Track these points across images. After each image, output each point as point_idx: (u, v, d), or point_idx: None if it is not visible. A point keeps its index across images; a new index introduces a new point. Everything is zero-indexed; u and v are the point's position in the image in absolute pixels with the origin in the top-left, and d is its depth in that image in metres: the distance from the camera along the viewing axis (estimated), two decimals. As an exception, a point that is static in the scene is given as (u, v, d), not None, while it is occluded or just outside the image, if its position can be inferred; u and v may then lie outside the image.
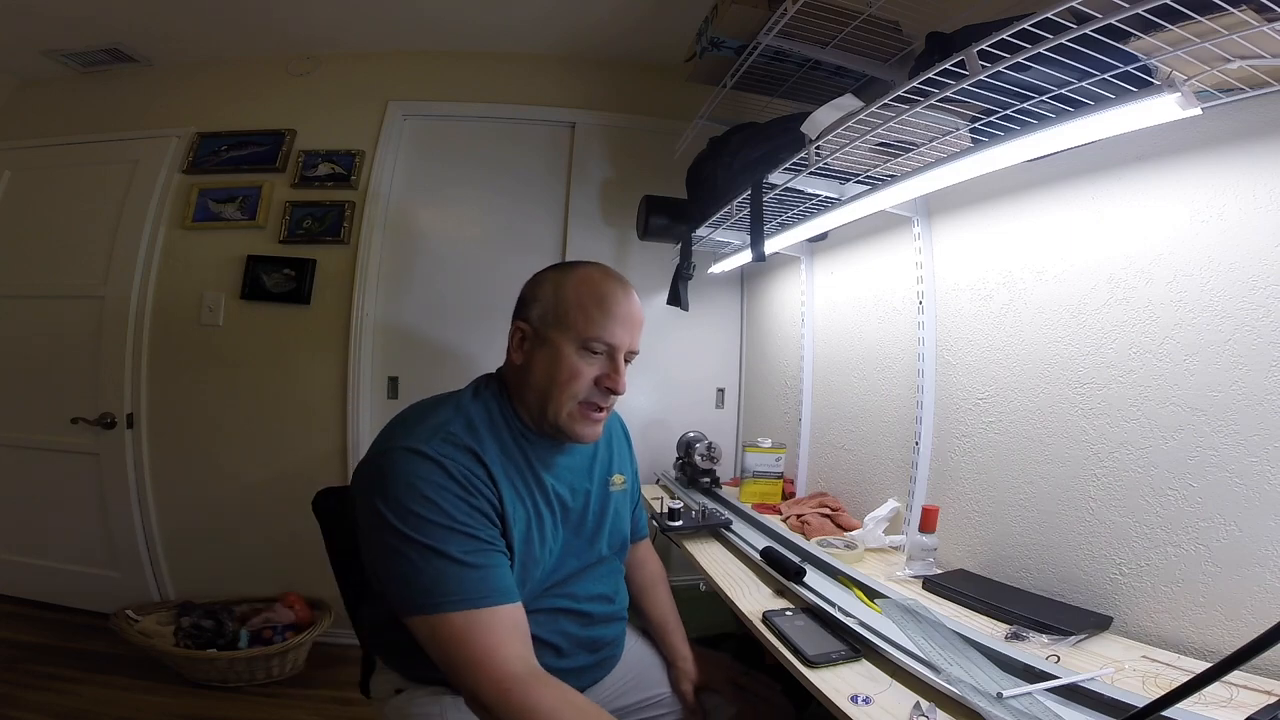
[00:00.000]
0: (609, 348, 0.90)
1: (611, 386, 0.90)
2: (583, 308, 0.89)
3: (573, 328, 0.89)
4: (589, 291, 0.91)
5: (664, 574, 1.23)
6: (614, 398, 0.92)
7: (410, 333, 2.31)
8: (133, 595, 2.18)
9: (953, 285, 1.40)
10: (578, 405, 0.90)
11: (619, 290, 0.92)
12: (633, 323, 0.92)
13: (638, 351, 0.95)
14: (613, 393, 0.91)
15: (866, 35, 1.35)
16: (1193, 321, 0.94)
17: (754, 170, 1.41)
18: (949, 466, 1.39)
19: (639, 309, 0.94)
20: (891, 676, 0.85)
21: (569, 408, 0.90)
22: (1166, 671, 0.83)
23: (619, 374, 0.90)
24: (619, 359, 0.91)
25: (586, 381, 0.89)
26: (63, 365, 2.31)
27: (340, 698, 1.90)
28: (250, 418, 2.27)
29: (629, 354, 0.93)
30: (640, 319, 0.94)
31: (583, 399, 0.90)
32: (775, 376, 2.25)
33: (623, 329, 0.90)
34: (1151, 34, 0.70)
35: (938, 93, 0.88)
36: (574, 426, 0.91)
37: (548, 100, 2.39)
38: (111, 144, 2.39)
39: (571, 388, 0.89)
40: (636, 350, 0.94)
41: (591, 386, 0.90)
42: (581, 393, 0.90)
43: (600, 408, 0.92)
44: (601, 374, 0.90)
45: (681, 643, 1.12)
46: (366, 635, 1.04)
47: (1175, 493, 0.95)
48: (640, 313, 0.94)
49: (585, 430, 0.92)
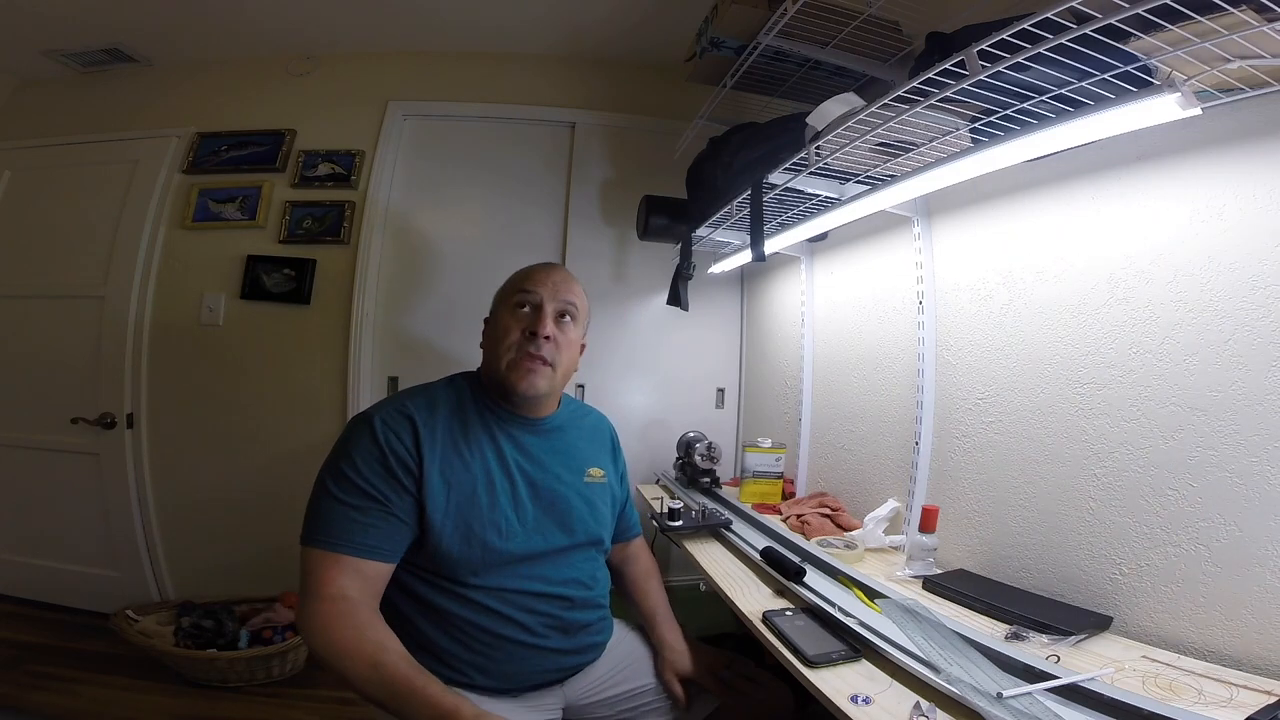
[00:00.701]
0: (531, 297, 1.04)
1: (534, 329, 1.02)
2: (511, 281, 1.10)
3: (505, 299, 1.08)
4: (518, 271, 1.11)
5: (656, 568, 1.28)
6: (549, 347, 1.02)
7: (410, 333, 2.32)
8: (133, 595, 2.18)
9: (953, 285, 1.40)
10: (514, 357, 1.02)
11: (540, 264, 1.11)
12: (553, 281, 1.06)
13: (573, 304, 1.07)
14: (535, 335, 1.01)
15: (866, 35, 1.35)
16: (1193, 321, 0.94)
17: (754, 170, 1.41)
18: (949, 466, 1.39)
19: (563, 274, 1.09)
20: (891, 676, 0.85)
21: (507, 359, 1.02)
22: (1166, 671, 0.83)
23: (541, 319, 1.02)
24: (543, 310, 1.03)
25: (516, 333, 1.03)
26: (63, 365, 2.31)
27: (340, 698, 1.90)
28: (250, 418, 2.27)
29: (564, 305, 1.06)
30: (565, 280, 1.08)
31: (516, 350, 1.02)
32: (775, 376, 2.25)
33: (541, 286, 1.05)
34: (1151, 34, 0.70)
35: (938, 93, 0.88)
36: (512, 376, 1.01)
37: (548, 100, 2.39)
38: (111, 144, 2.38)
39: (506, 340, 1.03)
40: (570, 301, 1.07)
41: (522, 337, 1.02)
42: (515, 344, 1.02)
43: (534, 355, 1.01)
44: (528, 324, 1.03)
45: (670, 633, 1.15)
46: None
47: (1175, 493, 0.95)
48: (565, 276, 1.09)
49: (522, 380, 1.01)
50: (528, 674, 1.00)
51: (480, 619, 0.95)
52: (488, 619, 0.96)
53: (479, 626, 0.95)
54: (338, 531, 0.88)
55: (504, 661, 0.97)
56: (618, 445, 1.25)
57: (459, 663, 0.95)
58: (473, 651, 0.95)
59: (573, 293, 1.08)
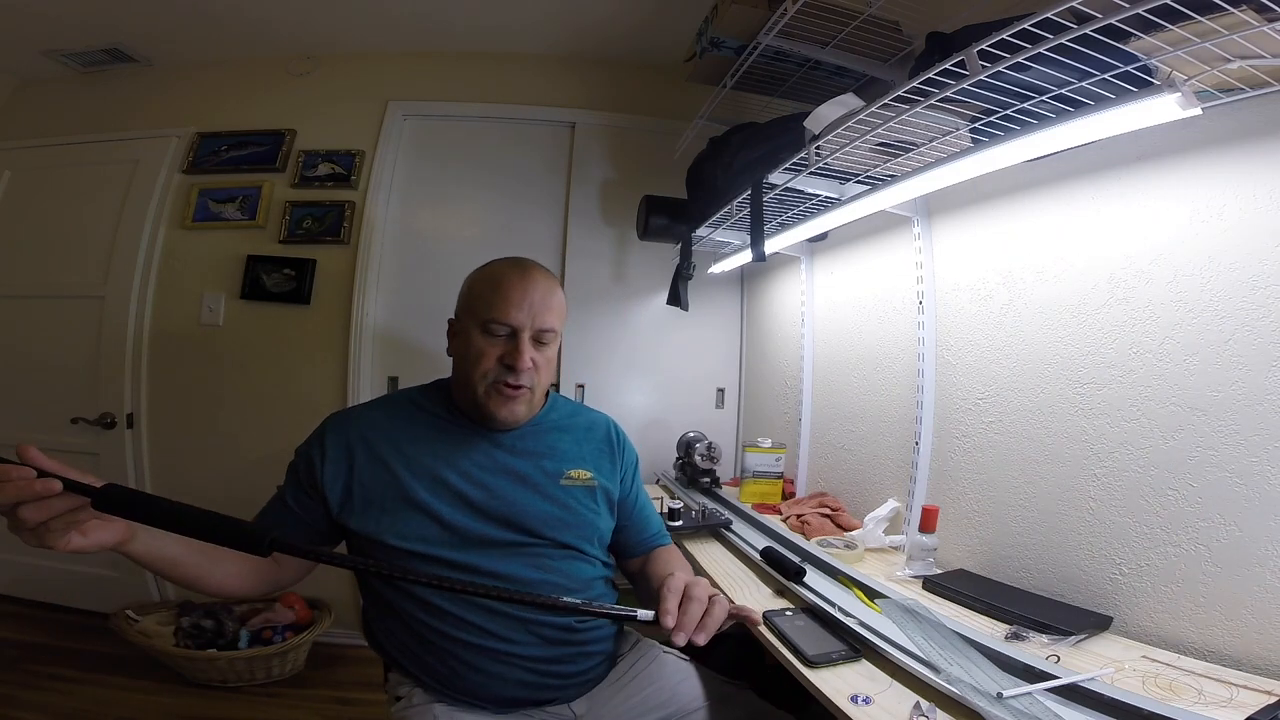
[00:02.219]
0: (507, 327, 0.95)
1: (511, 364, 0.94)
2: (481, 294, 0.97)
3: (475, 313, 0.97)
4: (487, 279, 0.99)
5: (685, 564, 1.11)
6: (527, 375, 0.95)
7: (410, 333, 2.31)
8: (133, 595, 2.18)
9: (953, 285, 1.40)
10: (490, 385, 0.95)
11: (515, 274, 0.97)
12: (530, 303, 0.95)
13: (552, 329, 0.97)
14: (513, 369, 0.94)
15: (866, 35, 1.35)
16: (1193, 321, 0.94)
17: (754, 170, 1.41)
18: (949, 466, 1.39)
19: (541, 291, 0.97)
20: (891, 676, 0.85)
21: (483, 387, 0.95)
22: (1166, 671, 0.83)
23: (519, 352, 0.94)
24: (520, 338, 0.94)
25: (492, 361, 0.95)
26: (63, 365, 2.31)
27: (340, 698, 1.90)
28: (250, 418, 2.27)
29: (540, 332, 0.96)
30: (544, 300, 0.96)
31: (493, 379, 0.95)
32: (775, 376, 2.25)
33: (517, 310, 0.94)
34: (1151, 34, 0.70)
35: (938, 93, 0.88)
36: (490, 405, 0.96)
37: (548, 100, 2.39)
38: (111, 144, 2.39)
39: (480, 367, 0.95)
40: (548, 328, 0.97)
41: (499, 366, 0.95)
42: (491, 373, 0.95)
43: (513, 385, 0.95)
44: (504, 353, 0.94)
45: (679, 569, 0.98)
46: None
47: (1175, 493, 0.95)
48: (544, 294, 0.97)
49: (501, 408, 0.96)
50: (501, 685, 0.92)
51: (430, 619, 0.91)
52: (438, 619, 0.91)
53: (433, 628, 0.91)
54: (265, 512, 0.99)
55: (467, 671, 0.91)
56: (618, 445, 1.14)
57: (435, 673, 0.92)
58: (435, 658, 0.92)
59: (551, 312, 0.97)
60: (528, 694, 0.94)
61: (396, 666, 0.98)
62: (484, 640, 0.91)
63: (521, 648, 0.92)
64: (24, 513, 0.58)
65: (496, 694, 0.92)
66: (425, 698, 0.94)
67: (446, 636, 0.91)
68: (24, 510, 0.58)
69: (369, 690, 1.92)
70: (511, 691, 0.93)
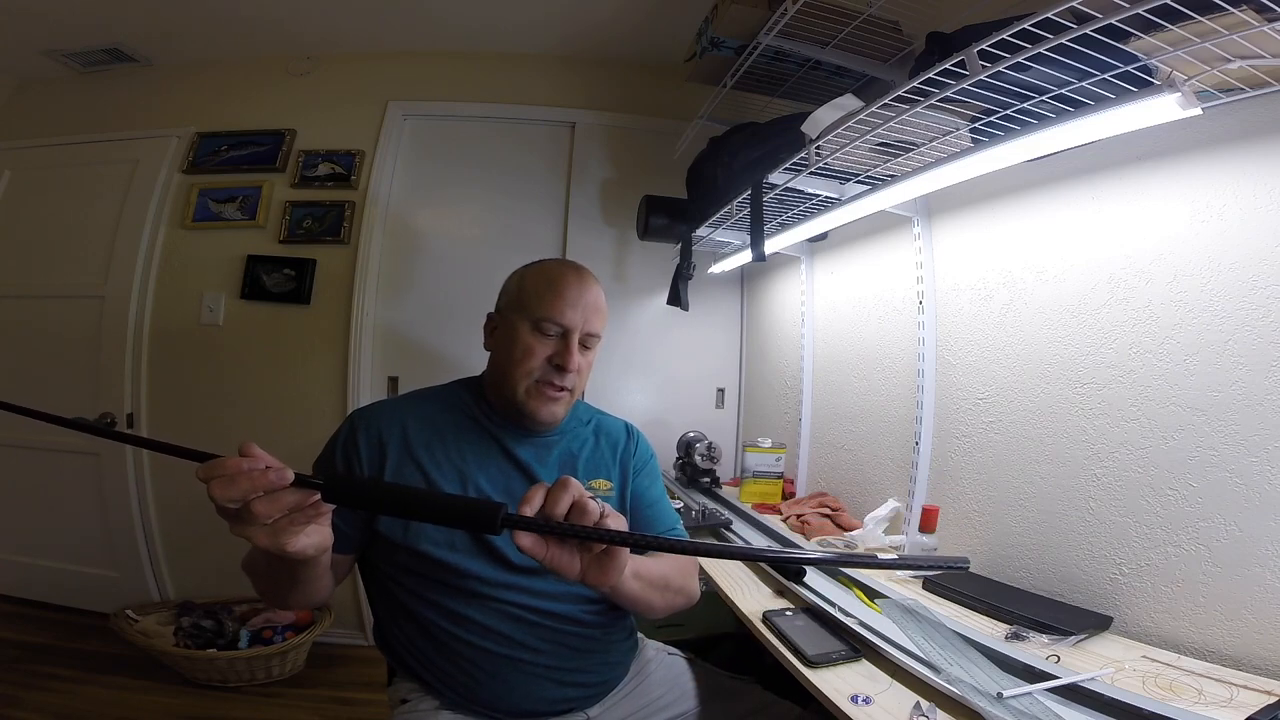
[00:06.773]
0: (560, 328, 0.93)
1: (561, 364, 0.92)
2: (536, 291, 0.95)
3: (526, 309, 0.94)
4: (543, 277, 0.96)
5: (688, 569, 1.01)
6: (572, 377, 0.94)
7: (410, 333, 2.31)
8: (133, 595, 2.18)
9: (953, 285, 1.40)
10: (534, 383, 0.93)
11: (572, 275, 0.96)
12: (584, 305, 0.94)
13: (597, 335, 0.97)
14: (563, 370, 0.93)
15: (866, 35, 1.35)
16: (1193, 321, 0.95)
17: (754, 170, 1.41)
18: (949, 466, 1.39)
19: (594, 295, 0.96)
20: (891, 676, 0.85)
21: (525, 384, 0.93)
22: (1166, 671, 0.83)
23: (569, 352, 0.92)
24: (571, 339, 0.93)
25: (539, 360, 0.93)
26: (63, 365, 2.31)
27: (340, 698, 1.90)
28: (250, 418, 2.26)
29: (587, 336, 0.95)
30: (595, 304, 0.96)
31: (538, 377, 0.93)
32: (775, 376, 2.25)
33: (573, 310, 0.93)
34: (1151, 34, 0.70)
35: (938, 93, 0.88)
36: (531, 403, 0.94)
37: (548, 100, 2.39)
38: (111, 144, 2.39)
39: (526, 365, 0.93)
40: (595, 334, 0.96)
41: (545, 365, 0.93)
42: (536, 370, 0.93)
43: (557, 386, 0.93)
44: (554, 353, 0.93)
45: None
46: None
47: (1175, 493, 0.95)
48: (596, 298, 0.96)
49: (543, 408, 0.94)
50: (522, 697, 0.90)
51: (454, 627, 0.89)
52: (462, 628, 0.89)
53: (456, 636, 0.89)
54: None
55: (489, 680, 0.89)
56: (631, 452, 1.09)
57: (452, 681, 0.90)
58: (454, 665, 0.90)
59: (599, 317, 0.97)
60: (547, 707, 0.91)
61: (406, 671, 0.95)
62: (510, 650, 0.89)
63: (547, 657, 0.90)
64: (257, 507, 0.57)
65: (516, 706, 0.90)
66: (431, 704, 0.91)
67: (470, 645, 0.89)
68: (257, 505, 0.57)
69: (369, 690, 1.92)
70: (531, 705, 0.90)
